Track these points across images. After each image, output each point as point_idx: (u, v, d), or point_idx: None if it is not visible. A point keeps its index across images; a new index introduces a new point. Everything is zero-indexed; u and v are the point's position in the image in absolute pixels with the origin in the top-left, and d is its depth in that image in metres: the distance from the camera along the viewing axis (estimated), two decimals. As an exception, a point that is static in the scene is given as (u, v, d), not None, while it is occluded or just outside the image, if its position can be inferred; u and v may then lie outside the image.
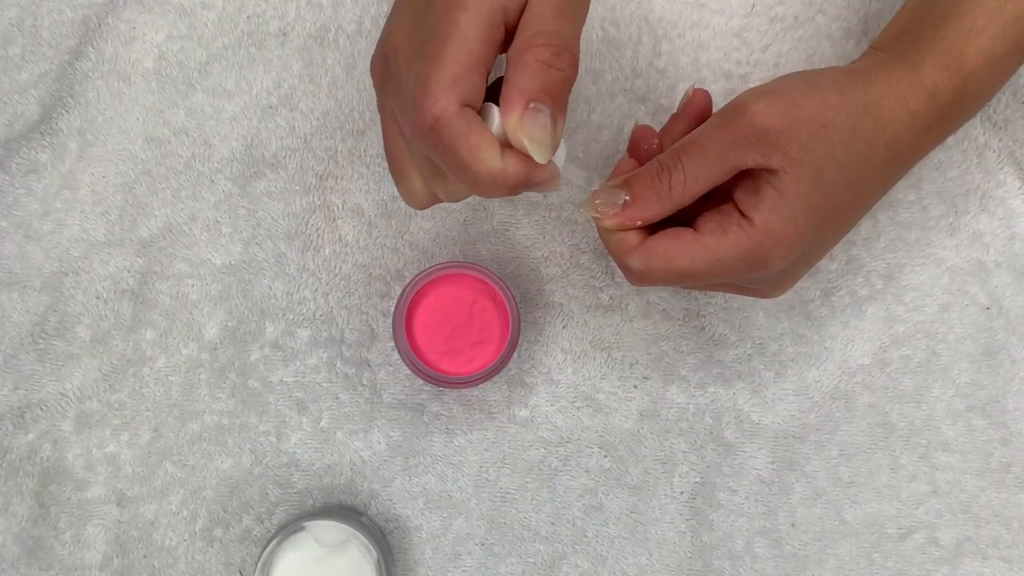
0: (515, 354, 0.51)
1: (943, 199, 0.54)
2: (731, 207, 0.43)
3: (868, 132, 0.42)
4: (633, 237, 0.43)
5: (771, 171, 0.41)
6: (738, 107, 0.41)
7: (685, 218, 0.43)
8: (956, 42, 0.44)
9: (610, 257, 0.47)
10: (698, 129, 0.43)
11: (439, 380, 0.49)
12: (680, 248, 0.42)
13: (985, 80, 0.44)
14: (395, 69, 0.40)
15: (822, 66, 0.53)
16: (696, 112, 0.46)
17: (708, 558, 0.53)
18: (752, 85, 0.53)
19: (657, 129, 0.46)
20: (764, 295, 0.46)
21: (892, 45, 0.45)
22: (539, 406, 0.53)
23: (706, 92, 0.46)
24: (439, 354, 0.49)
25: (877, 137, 0.43)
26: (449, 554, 0.53)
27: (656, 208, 0.42)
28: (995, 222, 0.54)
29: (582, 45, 0.53)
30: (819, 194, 0.42)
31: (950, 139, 0.53)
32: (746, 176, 0.42)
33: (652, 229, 0.43)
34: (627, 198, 0.42)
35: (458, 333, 0.49)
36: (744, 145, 0.41)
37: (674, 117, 0.46)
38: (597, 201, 0.42)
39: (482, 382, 0.50)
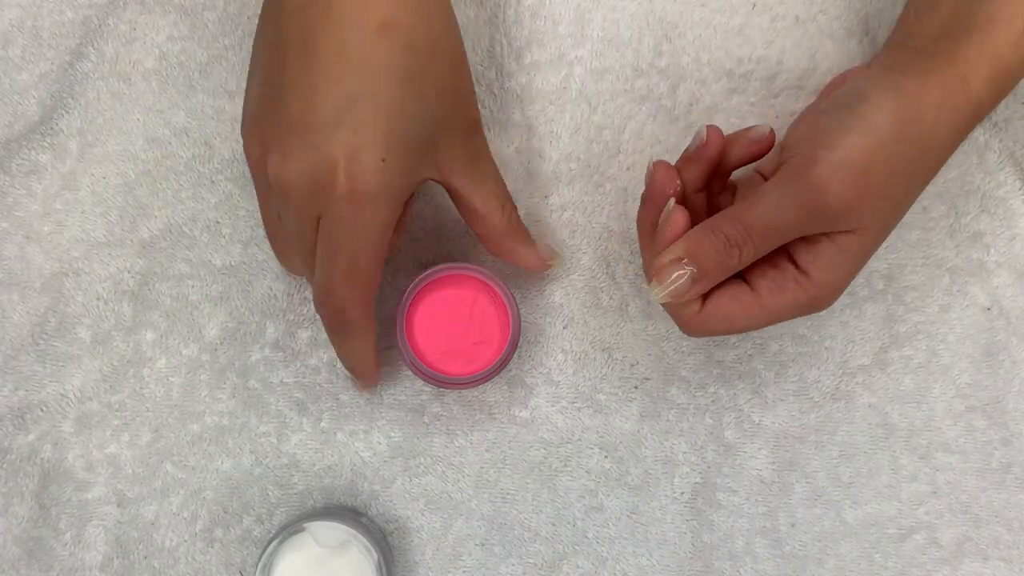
0: (515, 354, 0.51)
1: (943, 200, 0.54)
2: (786, 261, 0.43)
3: (920, 165, 0.43)
4: (695, 304, 0.44)
5: (834, 234, 0.42)
6: (814, 185, 0.40)
7: None
8: (1004, 52, 0.42)
9: (645, 279, 0.48)
10: (767, 201, 0.41)
11: (440, 381, 0.49)
12: (739, 311, 0.43)
13: (1013, 85, 0.44)
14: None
15: (823, 65, 0.53)
16: (712, 156, 0.45)
17: (708, 558, 0.53)
18: (753, 84, 0.53)
19: (659, 131, 0.46)
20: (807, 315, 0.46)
21: (935, 48, 0.43)
22: (539, 407, 0.53)
23: (719, 132, 0.45)
24: (440, 355, 0.49)
25: (927, 166, 0.43)
26: (449, 555, 0.53)
27: (721, 278, 0.43)
28: (995, 223, 0.54)
29: (582, 45, 0.53)
30: (878, 239, 0.43)
31: (951, 139, 0.53)
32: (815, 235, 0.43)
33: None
34: (694, 278, 0.42)
35: (459, 334, 0.49)
36: (820, 223, 0.41)
37: (687, 159, 0.45)
38: (669, 284, 0.42)
39: (483, 382, 0.49)
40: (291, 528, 0.48)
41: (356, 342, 0.46)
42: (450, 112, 0.44)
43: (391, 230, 0.43)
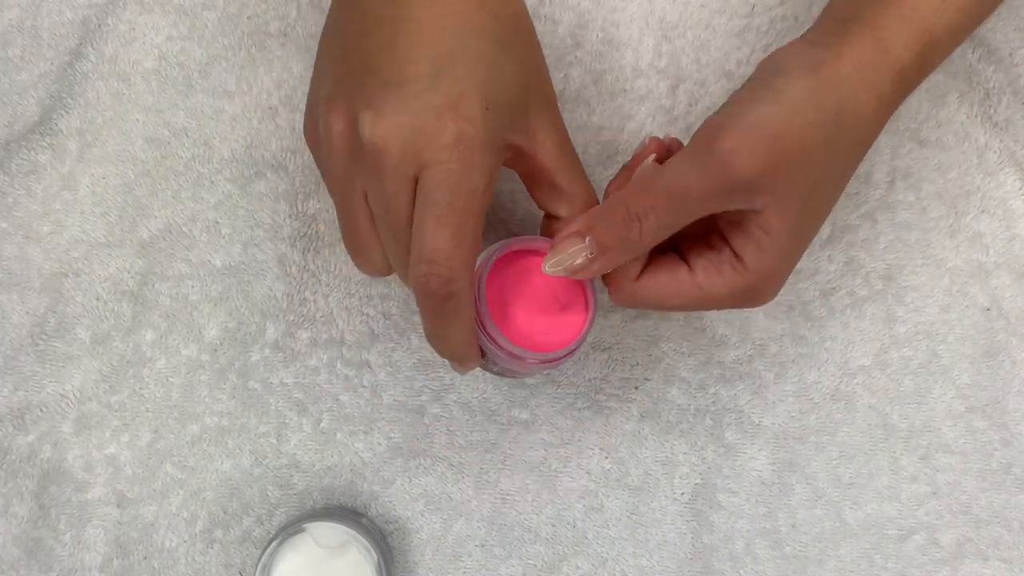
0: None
1: (943, 200, 0.54)
2: (722, 243, 0.42)
3: (844, 137, 0.41)
4: (633, 269, 0.43)
5: (756, 211, 0.40)
6: (717, 154, 0.39)
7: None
8: (928, 16, 0.41)
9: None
10: (670, 171, 0.40)
11: (527, 360, 0.44)
12: (675, 287, 0.42)
13: (942, 54, 0.43)
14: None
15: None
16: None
17: (709, 559, 0.53)
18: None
19: (658, 131, 0.46)
20: (750, 307, 0.45)
21: (856, 15, 0.42)
22: (540, 407, 0.53)
23: (661, 143, 0.44)
24: (523, 332, 0.44)
25: (852, 139, 0.42)
26: (449, 555, 0.53)
27: (625, 257, 0.41)
28: (995, 223, 0.54)
29: (581, 46, 0.53)
30: (805, 221, 0.41)
31: (951, 139, 0.53)
32: (735, 213, 0.41)
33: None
34: (592, 254, 0.41)
35: (539, 308, 0.44)
36: (726, 195, 0.39)
37: (628, 168, 0.44)
38: (561, 259, 0.41)
39: (571, 356, 0.45)
40: (291, 529, 0.48)
41: (460, 318, 0.40)
42: (536, 82, 0.43)
43: (492, 187, 0.40)
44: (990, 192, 0.54)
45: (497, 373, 0.47)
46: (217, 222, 0.53)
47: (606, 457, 0.53)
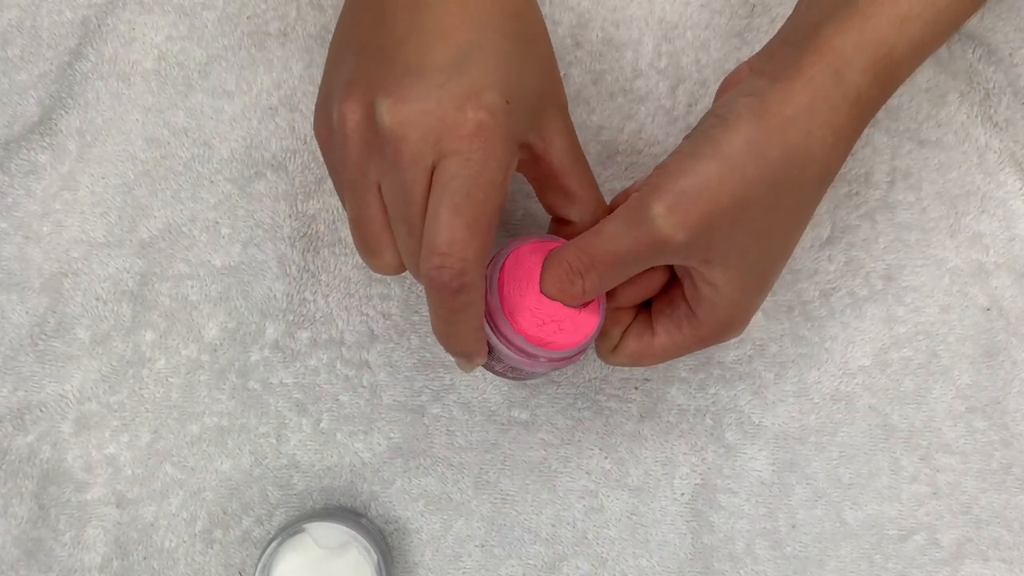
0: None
1: (943, 200, 0.54)
2: (680, 298, 0.43)
3: (794, 180, 0.39)
4: (610, 343, 0.45)
5: (695, 267, 0.41)
6: (646, 219, 0.38)
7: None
8: (887, 36, 0.39)
9: None
10: (606, 233, 0.40)
11: (540, 358, 0.43)
12: (645, 350, 0.45)
13: (907, 71, 0.41)
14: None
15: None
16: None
17: (709, 560, 0.53)
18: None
19: (657, 132, 0.46)
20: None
21: (809, 41, 0.40)
22: (540, 407, 0.53)
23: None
24: (536, 327, 0.43)
25: (804, 179, 0.40)
26: (449, 556, 0.53)
27: (574, 304, 0.43)
28: (995, 223, 0.54)
29: (581, 46, 0.53)
30: (757, 269, 0.41)
31: (951, 140, 0.53)
32: (679, 267, 0.42)
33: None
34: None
35: (549, 305, 0.44)
36: (659, 256, 0.40)
37: (623, 194, 0.45)
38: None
39: (580, 355, 0.45)
40: (290, 529, 0.48)
41: (470, 313, 0.40)
42: (551, 85, 0.43)
43: (508, 183, 0.39)
44: (990, 192, 0.53)
45: (499, 373, 0.47)
46: (217, 222, 0.53)
47: (606, 457, 0.53)
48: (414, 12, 0.40)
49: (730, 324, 0.43)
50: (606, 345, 0.45)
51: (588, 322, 0.43)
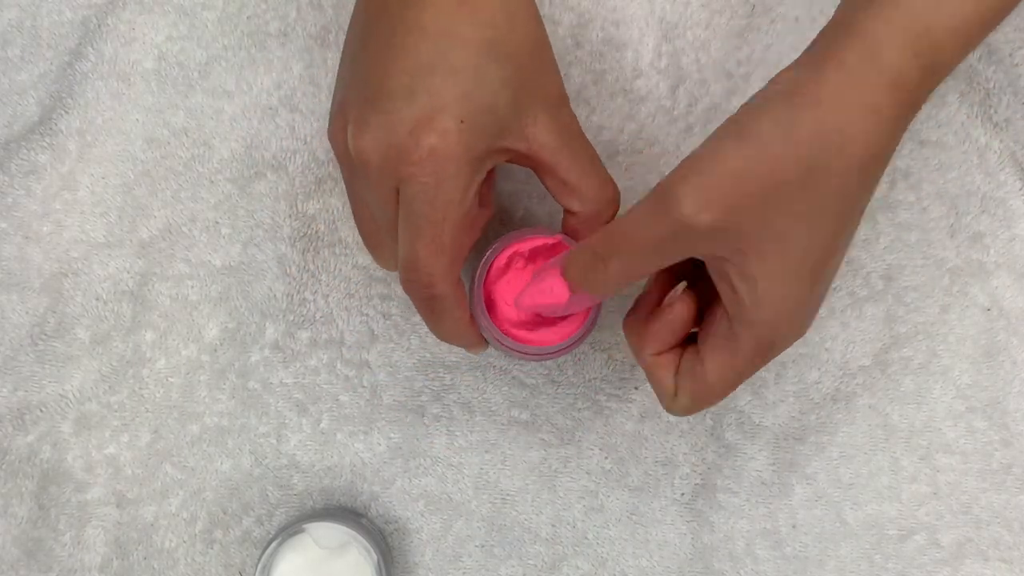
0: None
1: (943, 200, 0.54)
2: (721, 315, 0.40)
3: (831, 162, 0.37)
4: (669, 383, 0.43)
5: (730, 260, 0.38)
6: (670, 204, 0.37)
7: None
8: (922, 14, 0.37)
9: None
10: (629, 218, 0.39)
11: (523, 353, 0.45)
12: (703, 389, 0.42)
13: (955, 52, 0.38)
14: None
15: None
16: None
17: (709, 560, 0.53)
18: (753, 86, 0.53)
19: (658, 132, 0.46)
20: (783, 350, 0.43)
21: (845, 23, 0.38)
22: (540, 407, 0.53)
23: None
24: (522, 324, 0.45)
25: (843, 162, 0.37)
26: (449, 556, 0.53)
27: (599, 295, 0.41)
28: (995, 223, 0.53)
29: (582, 45, 0.53)
30: (799, 255, 0.38)
31: (950, 140, 0.53)
32: (713, 262, 0.39)
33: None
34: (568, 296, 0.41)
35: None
36: (685, 244, 0.38)
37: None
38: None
39: (570, 350, 0.46)
40: (290, 529, 0.48)
41: (448, 317, 0.43)
42: (532, 84, 0.43)
43: (473, 196, 0.41)
44: (990, 192, 0.53)
45: (508, 351, 0.47)
46: (217, 222, 0.53)
47: (606, 457, 0.53)
48: (385, 32, 0.41)
49: (779, 323, 0.39)
50: (666, 397, 0.43)
51: (576, 317, 0.44)
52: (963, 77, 0.54)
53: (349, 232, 0.53)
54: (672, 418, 0.53)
